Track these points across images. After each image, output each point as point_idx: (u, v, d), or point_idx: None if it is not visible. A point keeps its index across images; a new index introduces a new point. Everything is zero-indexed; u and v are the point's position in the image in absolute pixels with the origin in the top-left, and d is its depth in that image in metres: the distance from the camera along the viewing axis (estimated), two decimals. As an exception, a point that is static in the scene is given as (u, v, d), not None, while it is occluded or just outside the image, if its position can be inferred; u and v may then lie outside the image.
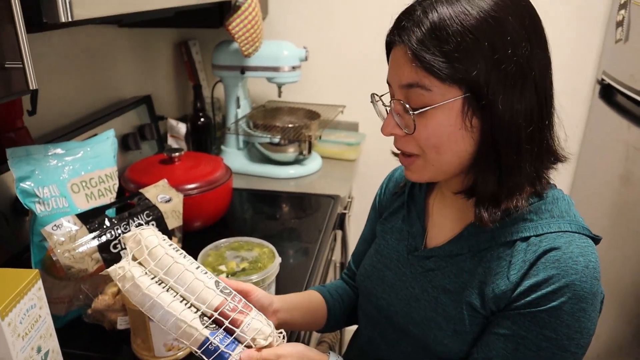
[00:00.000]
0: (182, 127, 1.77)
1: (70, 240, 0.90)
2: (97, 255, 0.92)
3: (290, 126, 1.72)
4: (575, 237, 0.66)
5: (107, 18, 0.78)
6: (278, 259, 0.97)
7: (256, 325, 0.68)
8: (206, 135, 1.81)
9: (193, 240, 1.14)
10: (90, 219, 0.95)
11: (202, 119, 1.77)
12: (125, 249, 0.89)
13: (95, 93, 1.47)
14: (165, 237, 0.73)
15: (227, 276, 0.93)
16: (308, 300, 0.93)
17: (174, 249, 0.71)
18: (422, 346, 0.77)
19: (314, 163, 1.81)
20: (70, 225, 0.92)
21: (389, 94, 0.71)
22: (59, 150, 1.00)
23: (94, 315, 0.94)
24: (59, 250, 0.88)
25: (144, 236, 0.70)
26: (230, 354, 0.65)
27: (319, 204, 1.55)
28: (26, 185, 0.92)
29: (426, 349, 0.76)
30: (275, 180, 1.75)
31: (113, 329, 0.95)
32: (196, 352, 0.67)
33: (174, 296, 0.68)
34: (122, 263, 0.70)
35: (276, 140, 1.73)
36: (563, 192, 0.74)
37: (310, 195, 1.62)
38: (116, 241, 0.95)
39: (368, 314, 0.88)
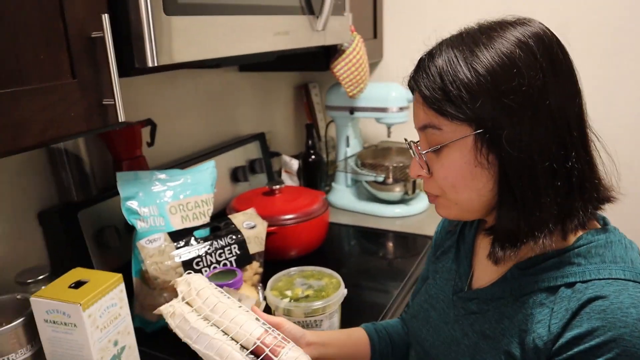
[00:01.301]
0: (294, 164, 1.89)
1: (159, 254, 1.03)
2: (181, 269, 1.04)
3: (395, 165, 1.76)
4: (629, 285, 0.61)
5: (191, 63, 0.90)
6: (343, 290, 1.01)
7: (294, 354, 0.71)
8: (317, 172, 1.91)
9: (284, 267, 1.21)
10: (180, 237, 1.07)
11: (312, 157, 1.88)
12: (207, 266, 1.00)
13: (213, 130, 1.65)
14: (213, 284, 0.81)
15: (291, 301, 0.98)
16: (347, 337, 0.94)
17: (219, 292, 0.79)
18: None
19: (420, 203, 1.82)
20: (161, 241, 1.05)
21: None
22: (163, 176, 1.15)
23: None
24: (148, 262, 1.02)
25: (194, 279, 0.79)
26: None
27: (424, 244, 1.56)
28: (130, 204, 1.08)
29: None
30: (382, 218, 1.78)
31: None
32: None
33: (218, 330, 0.74)
34: (172, 302, 0.79)
35: (381, 178, 1.78)
36: (622, 234, 0.69)
37: (415, 235, 1.63)
38: (199, 259, 1.06)
39: (415, 355, 0.88)
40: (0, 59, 0.63)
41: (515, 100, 0.61)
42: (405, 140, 0.78)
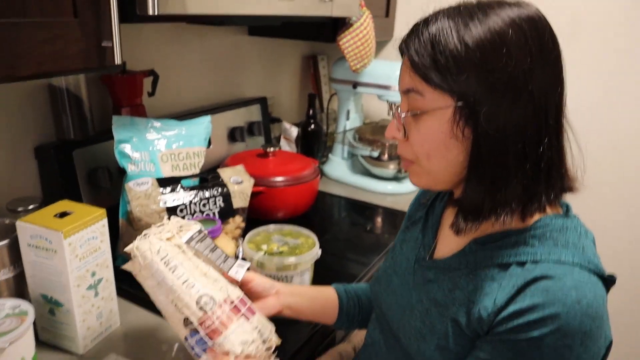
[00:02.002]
0: (294, 131, 1.93)
1: (146, 197, 1.08)
2: (165, 214, 1.09)
3: (391, 143, 1.79)
4: (575, 269, 0.63)
5: (195, 18, 0.93)
6: (317, 250, 1.05)
7: (229, 346, 0.73)
8: (315, 142, 1.95)
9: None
10: (167, 184, 1.12)
11: (312, 126, 1.91)
12: (190, 214, 1.05)
13: (216, 89, 1.69)
14: (162, 248, 0.80)
15: (265, 254, 1.03)
16: (317, 292, 0.99)
17: (165, 264, 0.79)
18: (408, 356, 0.78)
19: (412, 183, 1.85)
20: (149, 185, 1.09)
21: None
22: (158, 125, 1.19)
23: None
24: (134, 204, 1.06)
25: (141, 250, 0.80)
26: (201, 356, 0.74)
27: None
28: (123, 147, 1.12)
29: None
30: (373, 193, 1.82)
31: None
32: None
33: (168, 299, 0.78)
34: (132, 263, 0.82)
35: (376, 154, 1.81)
36: (581, 223, 0.72)
37: (403, 212, 1.65)
38: (183, 207, 1.11)
39: (376, 316, 0.92)
40: (5, -11, 0.67)
41: (500, 80, 0.63)
42: (388, 102, 0.80)
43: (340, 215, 1.70)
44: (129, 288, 1.09)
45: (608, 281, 0.66)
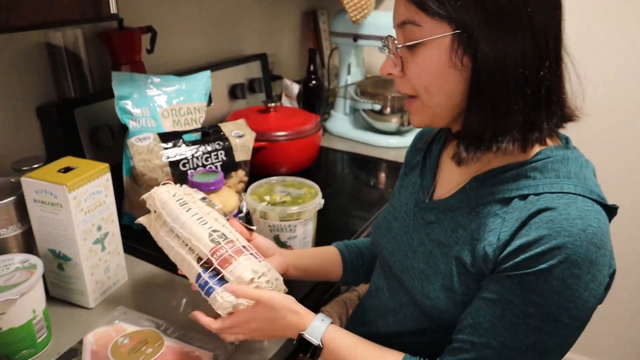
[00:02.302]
0: (295, 88, 1.91)
1: (148, 152, 1.08)
2: (168, 169, 1.09)
3: (393, 96, 1.78)
4: (578, 199, 0.63)
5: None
6: (320, 199, 1.05)
7: (239, 272, 0.75)
8: (316, 98, 1.93)
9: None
10: (169, 139, 1.12)
11: (313, 82, 1.89)
12: (192, 168, 1.06)
13: (216, 46, 1.67)
14: (177, 192, 0.86)
15: (268, 204, 1.04)
16: (319, 250, 1.00)
17: (181, 204, 0.83)
18: (413, 299, 0.78)
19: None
20: (151, 140, 1.09)
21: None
22: (158, 80, 1.19)
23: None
24: (136, 159, 1.07)
25: (158, 193, 0.85)
26: (215, 289, 0.75)
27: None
28: (124, 103, 1.12)
29: (417, 304, 0.77)
30: (376, 147, 1.82)
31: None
32: (195, 285, 0.79)
33: (181, 242, 0.81)
34: (147, 215, 0.87)
35: (378, 107, 1.80)
36: (581, 154, 0.71)
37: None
38: (185, 160, 1.11)
39: (379, 264, 0.93)
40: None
41: (498, 4, 0.62)
42: (383, 38, 0.78)
43: (343, 170, 1.71)
44: (136, 244, 1.11)
45: (610, 210, 0.66)
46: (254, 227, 0.91)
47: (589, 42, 1.76)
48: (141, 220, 0.89)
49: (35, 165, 1.05)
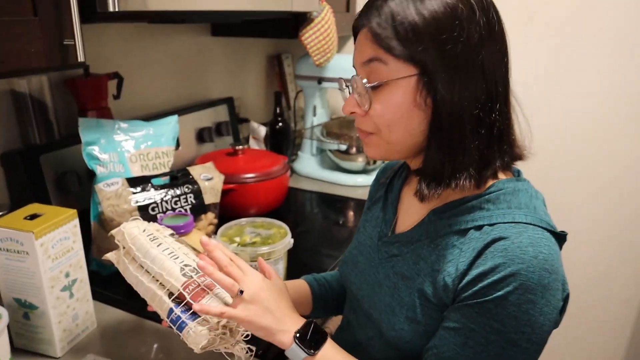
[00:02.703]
0: (262, 130, 1.94)
1: (116, 197, 1.08)
2: (137, 213, 1.09)
3: (358, 136, 1.81)
4: (529, 228, 0.67)
5: (158, 16, 0.94)
6: (289, 239, 1.07)
7: (213, 303, 0.75)
8: (283, 140, 1.96)
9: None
10: (137, 183, 1.12)
11: (280, 124, 1.92)
12: (162, 212, 1.05)
13: (182, 90, 1.69)
14: (147, 228, 0.85)
15: (238, 245, 1.04)
16: (290, 283, 1.00)
17: (151, 239, 0.83)
18: (379, 332, 0.80)
19: (381, 174, 1.88)
20: (119, 185, 1.09)
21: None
22: (125, 126, 1.19)
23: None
24: (105, 204, 1.06)
25: (127, 228, 0.84)
26: (187, 323, 0.74)
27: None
28: (91, 149, 1.12)
29: (383, 337, 0.79)
30: (344, 187, 1.85)
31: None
32: (166, 321, 0.77)
33: (151, 277, 0.80)
34: (115, 251, 0.86)
35: (344, 147, 1.84)
36: (531, 186, 0.76)
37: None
38: (155, 205, 1.11)
39: (348, 298, 0.94)
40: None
41: (454, 50, 0.66)
42: (341, 78, 0.81)
43: (312, 209, 1.72)
44: (104, 290, 1.09)
45: (560, 238, 0.70)
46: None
47: (535, 86, 1.85)
48: (108, 256, 0.87)
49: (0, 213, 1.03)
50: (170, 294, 0.78)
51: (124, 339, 0.99)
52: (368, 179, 1.84)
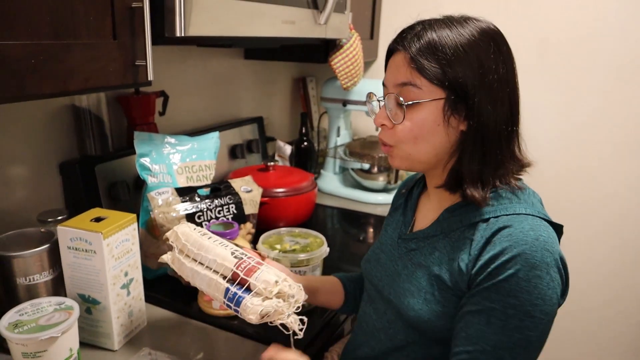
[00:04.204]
0: (287, 149, 2.04)
1: (167, 205, 1.17)
2: (184, 221, 1.18)
3: (380, 156, 1.91)
4: (529, 217, 0.77)
5: (209, 40, 1.04)
6: (325, 247, 1.15)
7: (264, 277, 0.83)
8: (307, 158, 2.06)
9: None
10: (185, 193, 1.21)
11: (305, 143, 2.02)
12: (206, 220, 1.14)
13: (218, 109, 1.80)
14: (197, 227, 0.95)
15: (279, 252, 1.13)
16: (325, 278, 1.11)
17: (201, 235, 0.92)
18: (400, 314, 0.89)
19: (401, 193, 1.97)
20: (169, 194, 1.18)
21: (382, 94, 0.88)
22: (172, 140, 1.29)
23: (171, 273, 1.19)
24: (156, 211, 1.15)
25: (180, 229, 0.94)
26: (244, 297, 0.82)
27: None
28: (144, 160, 1.22)
29: (403, 318, 0.89)
30: (365, 204, 1.94)
31: (188, 285, 1.19)
32: (224, 302, 0.85)
33: (205, 267, 0.89)
34: (169, 252, 0.95)
35: (366, 166, 1.93)
36: (528, 186, 0.87)
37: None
38: (200, 213, 1.20)
39: (367, 292, 1.03)
40: (62, 16, 0.78)
41: (492, 80, 0.78)
42: (371, 93, 0.92)
43: (333, 225, 1.80)
44: (150, 292, 1.18)
45: (556, 229, 0.80)
46: (266, 254, 0.99)
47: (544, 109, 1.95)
48: (164, 257, 0.95)
49: (60, 217, 1.12)
50: (224, 277, 0.86)
51: (172, 336, 1.07)
52: (388, 198, 1.93)
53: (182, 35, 0.96)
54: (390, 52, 0.87)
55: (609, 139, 1.88)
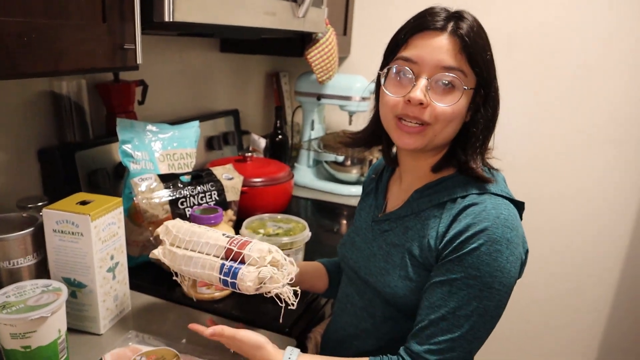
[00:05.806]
0: (262, 142, 2.05)
1: (150, 191, 1.17)
2: (167, 207, 1.18)
3: (354, 149, 1.95)
4: (492, 197, 0.83)
5: (204, 30, 1.05)
6: (307, 231, 1.18)
7: (258, 247, 0.87)
8: (282, 152, 2.08)
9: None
10: (167, 180, 1.22)
11: (279, 137, 2.04)
12: (189, 206, 1.16)
13: (194, 101, 1.80)
14: (185, 221, 0.99)
15: (263, 236, 1.15)
16: (310, 263, 1.15)
17: (191, 225, 0.96)
18: (377, 292, 0.94)
19: (374, 186, 2.01)
20: (152, 180, 1.19)
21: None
22: (154, 128, 1.30)
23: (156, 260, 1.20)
24: (140, 197, 1.16)
25: (169, 224, 0.97)
26: (240, 268, 0.86)
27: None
28: (126, 147, 1.22)
29: (381, 295, 0.93)
30: (338, 196, 1.97)
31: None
32: (220, 278, 0.88)
33: (198, 252, 0.92)
34: (160, 246, 0.97)
35: (340, 159, 1.96)
36: (499, 172, 0.93)
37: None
38: (183, 199, 1.21)
39: (345, 274, 1.07)
40: (53, -3, 0.78)
41: (494, 69, 0.87)
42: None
43: (307, 215, 1.83)
44: (135, 280, 1.18)
45: (518, 205, 0.86)
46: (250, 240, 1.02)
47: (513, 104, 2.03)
48: (155, 252, 0.97)
49: (40, 204, 1.11)
50: (217, 257, 0.89)
51: (157, 319, 1.08)
52: (361, 190, 1.96)
53: (170, 20, 0.97)
54: (422, 30, 0.85)
55: (575, 130, 1.97)
